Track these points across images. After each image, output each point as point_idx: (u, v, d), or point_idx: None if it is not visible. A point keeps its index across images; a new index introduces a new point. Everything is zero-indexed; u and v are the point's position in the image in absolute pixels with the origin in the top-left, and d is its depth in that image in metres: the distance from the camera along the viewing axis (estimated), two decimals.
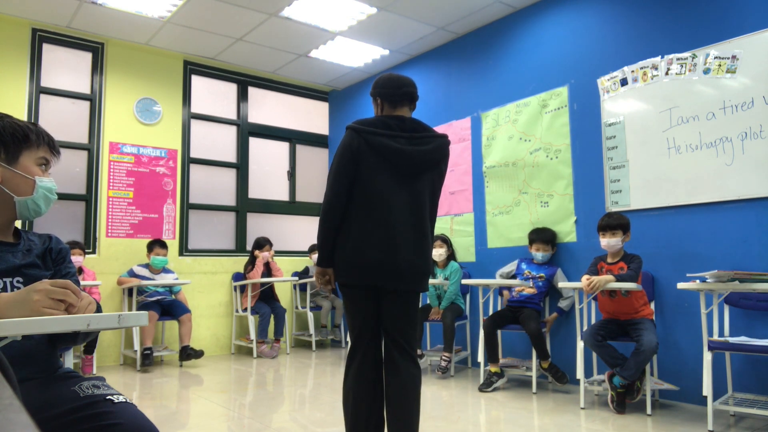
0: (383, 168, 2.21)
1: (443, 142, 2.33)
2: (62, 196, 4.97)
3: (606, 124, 4.01)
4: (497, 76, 4.86)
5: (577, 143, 4.20)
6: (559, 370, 3.83)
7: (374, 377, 2.27)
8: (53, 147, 1.43)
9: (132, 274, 5.12)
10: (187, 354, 4.91)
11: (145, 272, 5.13)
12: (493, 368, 3.94)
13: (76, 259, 4.64)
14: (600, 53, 4.09)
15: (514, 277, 4.26)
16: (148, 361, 4.77)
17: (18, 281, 1.34)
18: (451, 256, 4.76)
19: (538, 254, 4.14)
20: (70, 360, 4.32)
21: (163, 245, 5.20)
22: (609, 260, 3.51)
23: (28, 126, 1.38)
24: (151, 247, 5.18)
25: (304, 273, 6.14)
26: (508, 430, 3.02)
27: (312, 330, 5.80)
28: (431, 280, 4.59)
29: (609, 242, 3.46)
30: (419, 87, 5.63)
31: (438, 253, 4.65)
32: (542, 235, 4.19)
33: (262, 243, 5.71)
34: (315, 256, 6.10)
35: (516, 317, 4.01)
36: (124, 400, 1.26)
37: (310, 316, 5.81)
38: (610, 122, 3.99)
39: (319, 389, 4.13)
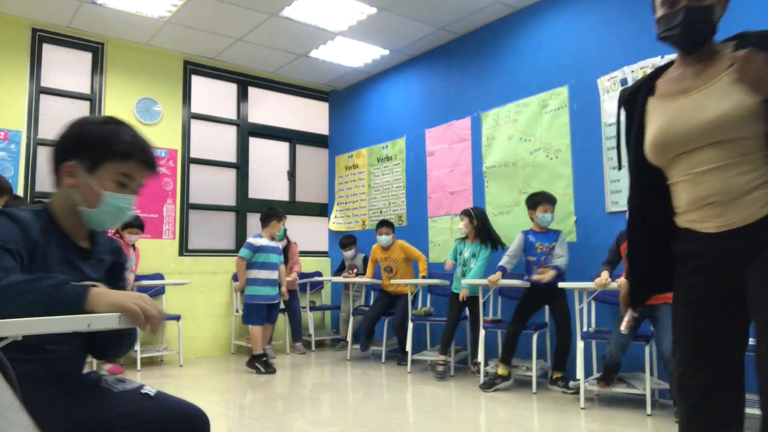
0: None
1: None
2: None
3: (606, 124, 4.01)
4: (497, 76, 4.86)
5: (577, 143, 4.20)
6: (568, 379, 3.83)
7: None
8: (148, 164, 1.34)
9: (250, 246, 4.83)
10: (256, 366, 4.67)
11: (263, 241, 4.86)
12: (501, 370, 3.86)
13: (133, 237, 4.70)
14: (600, 53, 4.09)
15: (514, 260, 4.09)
16: (270, 369, 4.57)
17: None
18: (488, 234, 4.38)
19: (547, 215, 3.91)
20: None
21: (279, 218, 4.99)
22: None
23: (118, 137, 1.29)
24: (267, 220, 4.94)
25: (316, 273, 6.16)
26: (508, 430, 3.02)
27: (312, 330, 5.80)
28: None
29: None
30: (419, 87, 5.67)
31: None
32: (544, 196, 3.97)
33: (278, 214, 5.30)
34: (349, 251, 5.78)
35: (540, 301, 3.91)
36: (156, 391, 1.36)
37: (310, 316, 5.80)
38: (610, 122, 3.98)
39: (319, 389, 4.13)
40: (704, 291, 1.44)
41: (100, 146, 1.28)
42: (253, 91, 6.32)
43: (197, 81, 5.91)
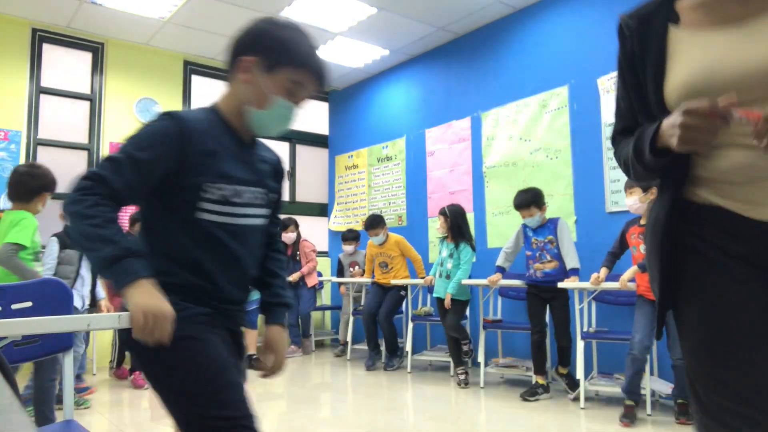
0: None
1: None
2: (63, 196, 4.96)
3: (606, 124, 4.01)
4: (497, 76, 4.86)
5: (577, 143, 4.20)
6: (574, 379, 3.68)
7: None
8: (320, 77, 1.32)
9: None
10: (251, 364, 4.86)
11: None
12: (540, 380, 3.70)
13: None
14: (600, 53, 4.09)
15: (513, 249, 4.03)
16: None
17: (263, 193, 1.34)
18: (461, 234, 4.29)
19: (527, 220, 3.79)
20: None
21: None
22: (643, 222, 3.22)
23: (300, 44, 1.29)
24: None
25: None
26: (509, 429, 3.02)
27: (312, 330, 5.79)
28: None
29: (628, 202, 3.25)
30: (419, 87, 5.67)
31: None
32: (521, 200, 3.77)
33: (287, 224, 5.56)
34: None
35: (543, 300, 3.74)
36: None
37: (310, 316, 5.79)
38: (610, 122, 3.98)
39: (319, 389, 4.13)
40: (742, 290, 1.02)
41: (282, 48, 1.27)
42: None
43: (197, 81, 5.91)
